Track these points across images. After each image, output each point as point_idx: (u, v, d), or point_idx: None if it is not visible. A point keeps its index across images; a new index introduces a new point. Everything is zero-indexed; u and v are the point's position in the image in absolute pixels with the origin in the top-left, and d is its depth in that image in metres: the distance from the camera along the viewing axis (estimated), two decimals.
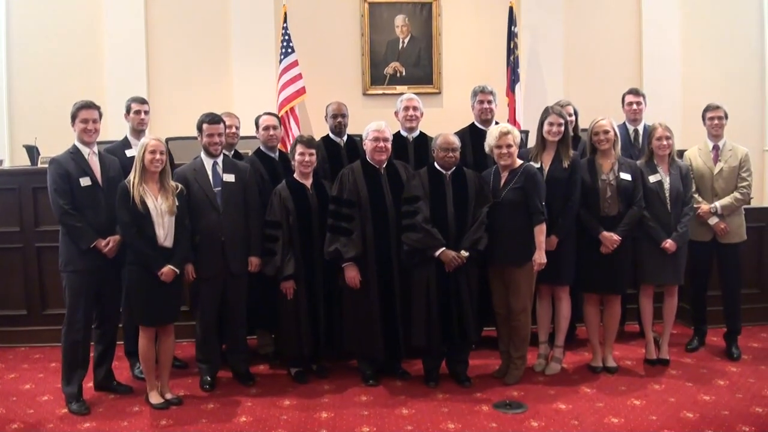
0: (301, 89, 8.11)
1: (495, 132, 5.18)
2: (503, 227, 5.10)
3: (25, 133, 7.65)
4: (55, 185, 4.86)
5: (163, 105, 8.24)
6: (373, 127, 5.29)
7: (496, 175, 5.27)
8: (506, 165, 5.19)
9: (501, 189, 5.18)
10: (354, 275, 5.15)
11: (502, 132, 5.15)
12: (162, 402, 4.86)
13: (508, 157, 5.15)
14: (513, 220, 5.10)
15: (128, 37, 8.30)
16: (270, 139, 5.77)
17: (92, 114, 4.97)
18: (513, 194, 5.11)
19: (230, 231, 5.18)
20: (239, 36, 8.42)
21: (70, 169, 4.88)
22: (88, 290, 4.94)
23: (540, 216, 5.09)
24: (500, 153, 5.16)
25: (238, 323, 5.39)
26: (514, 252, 5.12)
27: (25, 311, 6.35)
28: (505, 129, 5.18)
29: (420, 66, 8.75)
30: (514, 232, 5.10)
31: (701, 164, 5.81)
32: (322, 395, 5.11)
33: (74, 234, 4.87)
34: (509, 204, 5.11)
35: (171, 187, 4.86)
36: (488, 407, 4.81)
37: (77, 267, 4.90)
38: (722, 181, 5.75)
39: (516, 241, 5.11)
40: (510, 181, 5.16)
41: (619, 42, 8.82)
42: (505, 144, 5.12)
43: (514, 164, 5.20)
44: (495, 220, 5.11)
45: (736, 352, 5.72)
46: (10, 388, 5.35)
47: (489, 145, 5.23)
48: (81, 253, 4.88)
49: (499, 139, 5.13)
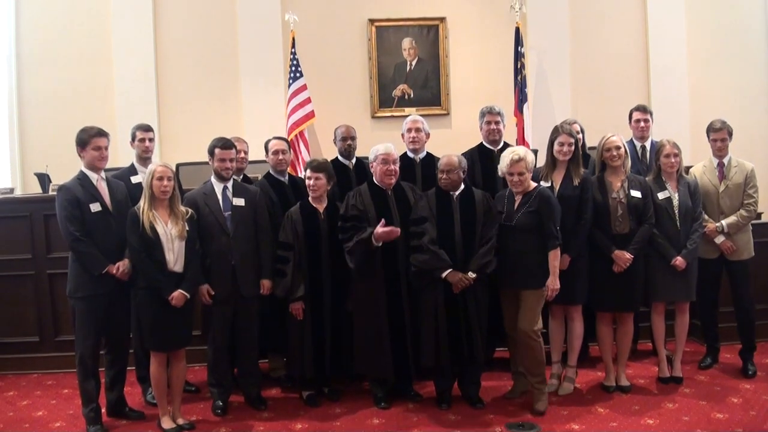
0: (310, 113, 8.17)
1: (507, 159, 5.08)
2: (516, 251, 5.02)
3: (37, 160, 7.72)
4: (65, 212, 4.87)
5: (172, 131, 8.32)
6: (381, 150, 5.30)
7: (510, 197, 5.18)
8: (518, 191, 5.13)
9: (515, 212, 5.08)
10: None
11: (513, 160, 5.04)
12: (174, 427, 4.85)
13: (519, 185, 5.08)
14: (526, 243, 5.02)
15: (138, 63, 8.38)
16: (279, 163, 5.80)
17: (104, 141, 5.01)
18: (527, 218, 5.02)
19: (240, 255, 5.19)
20: (248, 61, 8.50)
21: (79, 196, 4.90)
22: (97, 315, 4.95)
23: (555, 241, 5.00)
24: (512, 181, 5.09)
25: (250, 347, 5.38)
26: (526, 276, 5.03)
27: (38, 338, 6.37)
28: (517, 156, 5.05)
29: (428, 88, 8.79)
30: (527, 256, 5.01)
31: (707, 182, 5.77)
32: (335, 418, 5.09)
33: (86, 260, 4.89)
34: (523, 228, 5.02)
35: (181, 212, 4.89)
36: (501, 429, 4.78)
37: (87, 293, 4.91)
38: (728, 199, 5.71)
39: (529, 265, 5.02)
40: (524, 204, 5.06)
41: (626, 59, 8.85)
42: (517, 172, 5.04)
43: (528, 188, 5.12)
44: (508, 243, 5.05)
45: (751, 369, 5.66)
46: (22, 415, 5.35)
47: (501, 171, 5.17)
48: (91, 279, 4.89)
49: (511, 166, 5.05)
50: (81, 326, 4.95)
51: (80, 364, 4.96)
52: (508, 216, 5.11)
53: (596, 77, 8.78)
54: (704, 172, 5.83)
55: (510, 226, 5.06)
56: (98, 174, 5.04)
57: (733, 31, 8.86)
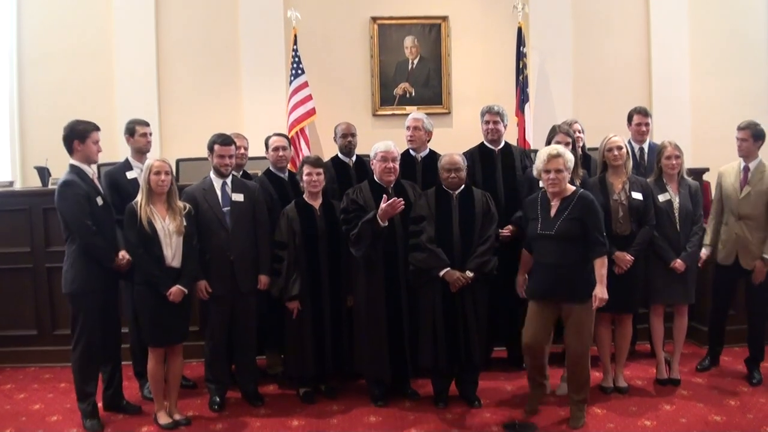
0: (311, 110, 8.16)
1: (543, 154, 4.68)
2: (556, 262, 4.63)
3: (36, 154, 7.71)
4: (79, 206, 4.83)
5: (173, 126, 8.32)
6: (381, 147, 5.30)
7: (544, 203, 4.79)
8: (555, 192, 4.71)
9: (552, 219, 4.69)
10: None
11: (551, 155, 4.64)
12: (170, 422, 4.85)
13: (557, 184, 4.65)
14: (567, 253, 4.62)
15: (139, 58, 8.38)
16: (279, 159, 5.80)
17: (99, 135, 5.03)
18: (568, 226, 4.63)
19: (239, 250, 5.19)
20: (249, 57, 8.49)
21: (87, 190, 4.90)
22: (100, 310, 4.95)
23: (602, 248, 4.64)
24: (548, 179, 4.67)
25: (248, 343, 5.38)
26: (571, 288, 4.64)
27: (36, 331, 6.37)
28: (555, 151, 4.65)
29: (429, 86, 8.79)
30: (570, 267, 4.62)
31: (729, 184, 5.62)
32: (331, 416, 5.09)
33: (100, 253, 4.89)
34: (564, 237, 4.62)
35: (178, 207, 4.88)
36: (498, 428, 4.79)
37: (95, 287, 4.90)
38: (748, 207, 5.50)
39: (573, 277, 4.63)
40: (563, 210, 4.67)
41: (628, 61, 8.84)
42: (555, 168, 4.62)
43: (565, 191, 4.73)
44: (546, 253, 4.69)
45: (757, 377, 5.57)
46: (19, 408, 5.36)
47: (537, 169, 4.75)
48: (98, 273, 4.89)
49: (548, 162, 4.64)
50: (87, 322, 4.92)
51: (82, 359, 4.93)
52: (545, 224, 4.71)
53: (598, 79, 8.77)
54: (731, 173, 5.66)
55: (548, 235, 4.67)
56: (91, 168, 5.04)
57: (735, 38, 8.84)
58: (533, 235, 4.78)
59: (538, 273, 4.78)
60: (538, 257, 4.78)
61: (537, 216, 4.77)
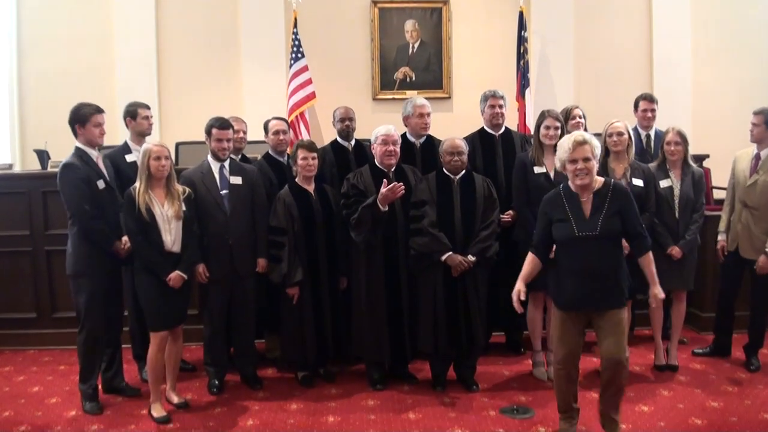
0: (311, 94, 8.14)
1: (567, 143, 4.09)
2: (595, 265, 4.03)
3: (36, 137, 7.72)
4: (79, 190, 4.84)
5: (173, 110, 8.31)
6: (382, 131, 5.29)
7: (571, 200, 4.15)
8: (585, 185, 4.10)
9: (591, 218, 4.08)
10: None
11: (577, 141, 4.05)
12: (164, 416, 4.77)
13: (585, 175, 4.05)
14: (607, 255, 4.06)
15: (139, 41, 8.35)
16: (280, 143, 5.79)
17: (103, 118, 5.01)
18: (611, 224, 4.04)
19: (238, 233, 5.19)
20: (249, 41, 8.46)
21: (88, 173, 4.89)
22: (103, 293, 4.96)
23: (647, 242, 4.16)
24: (575, 169, 4.06)
25: (247, 326, 5.39)
26: (609, 293, 4.07)
27: (35, 314, 6.38)
28: (581, 137, 4.07)
29: (430, 71, 8.76)
30: (611, 269, 4.06)
31: (741, 170, 5.53)
32: (329, 399, 5.10)
33: (100, 237, 4.90)
34: (607, 237, 4.04)
35: (177, 191, 4.85)
36: (495, 412, 4.80)
37: (95, 270, 4.92)
38: (754, 196, 5.40)
39: (610, 280, 4.06)
40: (599, 207, 4.08)
41: (629, 47, 8.81)
42: (582, 157, 4.03)
43: (594, 184, 4.13)
44: (582, 258, 4.04)
45: (755, 363, 5.56)
46: (18, 391, 5.37)
47: (561, 160, 4.14)
48: (100, 256, 4.90)
49: (574, 150, 4.05)
50: (89, 305, 4.93)
51: (87, 342, 4.95)
52: (582, 224, 4.07)
53: (599, 64, 8.75)
54: (744, 159, 5.57)
55: (589, 237, 4.04)
56: (96, 151, 5.03)
57: (737, 25, 8.82)
58: (566, 239, 4.09)
59: (570, 281, 4.08)
60: (569, 263, 4.08)
61: (567, 216, 4.10)
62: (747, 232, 5.45)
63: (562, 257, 4.16)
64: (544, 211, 4.24)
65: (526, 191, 5.36)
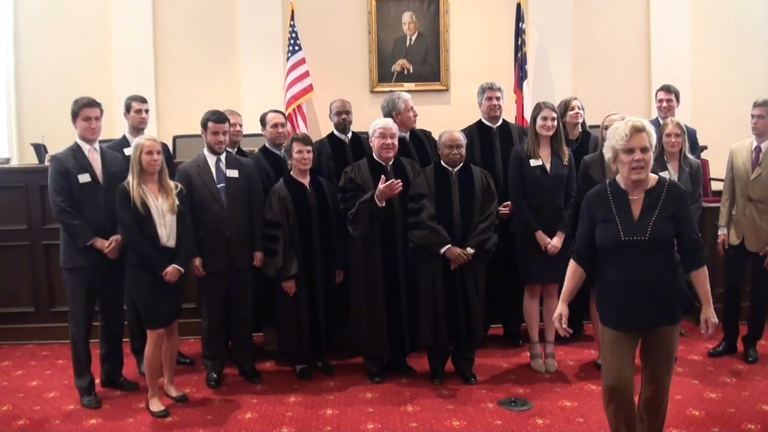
0: (308, 87, 8.13)
1: (624, 129, 3.44)
2: (645, 275, 3.44)
3: (33, 131, 7.70)
4: (54, 183, 4.87)
5: (170, 103, 8.29)
6: (381, 124, 5.29)
7: (619, 197, 3.54)
8: (640, 180, 3.50)
9: (637, 222, 3.47)
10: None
11: (635, 127, 3.41)
12: (162, 410, 4.77)
13: (642, 168, 3.44)
14: (658, 263, 3.46)
15: (136, 35, 8.33)
16: (278, 136, 5.79)
17: (94, 112, 4.97)
18: (663, 229, 3.44)
19: (234, 226, 5.18)
20: (247, 34, 8.44)
21: (69, 166, 4.88)
22: (88, 288, 4.96)
23: (701, 253, 3.57)
24: (632, 161, 3.43)
25: (244, 320, 5.39)
26: (662, 308, 3.49)
27: (33, 308, 6.38)
28: (639, 123, 3.43)
29: (427, 63, 8.73)
30: (663, 281, 3.47)
31: (740, 163, 5.49)
32: (328, 392, 5.11)
33: (71, 232, 4.89)
34: (660, 242, 3.45)
35: (170, 185, 4.85)
36: (493, 404, 4.80)
37: (76, 264, 4.93)
38: (759, 189, 5.37)
39: (663, 293, 3.48)
40: (651, 208, 3.47)
41: (627, 38, 8.78)
42: (640, 146, 3.41)
43: (648, 180, 3.54)
44: (631, 266, 3.45)
45: (753, 355, 5.55)
46: (17, 385, 5.37)
47: (613, 149, 3.49)
48: (80, 251, 4.89)
49: (631, 137, 3.40)
50: (72, 298, 4.97)
51: (72, 337, 4.98)
52: (629, 227, 3.46)
53: (597, 56, 8.72)
54: (743, 152, 5.51)
55: (638, 242, 3.44)
56: (91, 145, 5.01)
57: (735, 17, 8.78)
58: (611, 244, 3.50)
59: (616, 294, 3.52)
60: (615, 272, 3.51)
61: (612, 217, 3.52)
62: (753, 226, 5.42)
63: (607, 266, 3.55)
64: (587, 209, 3.63)
65: (522, 184, 5.35)
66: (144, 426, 4.61)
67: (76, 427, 4.61)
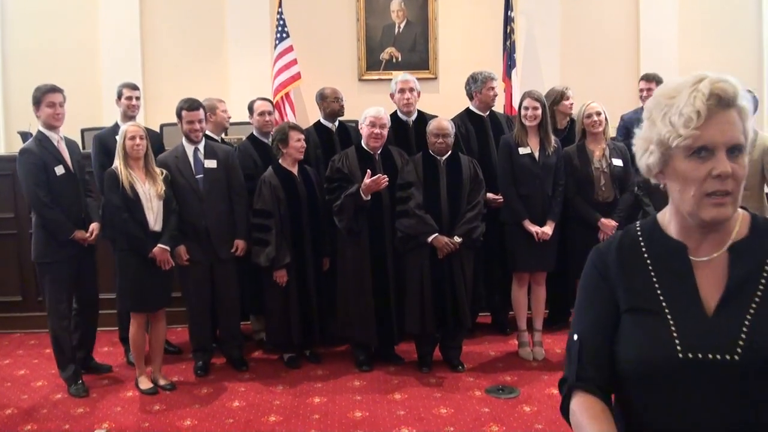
0: (296, 74, 8.08)
1: (688, 98, 1.75)
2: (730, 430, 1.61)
3: (20, 119, 7.60)
4: (34, 177, 4.78)
5: (158, 91, 8.22)
6: (372, 113, 5.26)
7: (668, 260, 1.70)
8: (721, 219, 1.84)
9: (714, 315, 1.61)
10: None
11: (717, 94, 1.74)
12: (151, 387, 4.86)
13: (728, 196, 1.79)
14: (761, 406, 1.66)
15: (123, 23, 8.24)
16: (266, 124, 5.75)
17: (58, 97, 4.89)
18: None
19: (214, 217, 5.17)
20: (234, 21, 8.37)
21: (44, 159, 4.81)
22: (68, 280, 4.94)
23: None
24: (708, 177, 1.69)
25: (231, 309, 5.39)
26: None
27: (20, 297, 6.37)
28: (724, 87, 1.77)
29: (416, 51, 8.70)
30: None
31: None
32: (315, 381, 5.12)
33: (53, 227, 4.84)
34: (759, 365, 1.58)
35: (156, 171, 4.86)
36: (481, 392, 4.82)
37: (56, 258, 4.87)
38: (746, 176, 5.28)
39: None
40: (741, 285, 1.63)
41: (616, 27, 8.76)
42: (727, 142, 1.72)
43: (734, 221, 1.90)
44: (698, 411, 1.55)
45: None
46: (4, 374, 5.37)
47: (662, 143, 1.74)
48: (59, 244, 4.85)
49: (709, 120, 1.68)
50: (51, 292, 4.93)
51: (54, 332, 4.96)
52: (691, 329, 1.61)
53: (586, 44, 8.70)
54: None
55: (718, 363, 1.58)
56: (57, 134, 4.94)
57: (724, 6, 8.76)
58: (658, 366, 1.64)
59: None
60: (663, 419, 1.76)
61: (657, 306, 1.63)
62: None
63: (643, 406, 1.65)
64: (597, 280, 1.80)
65: (511, 172, 5.35)
66: (131, 414, 4.61)
67: (65, 415, 4.61)
